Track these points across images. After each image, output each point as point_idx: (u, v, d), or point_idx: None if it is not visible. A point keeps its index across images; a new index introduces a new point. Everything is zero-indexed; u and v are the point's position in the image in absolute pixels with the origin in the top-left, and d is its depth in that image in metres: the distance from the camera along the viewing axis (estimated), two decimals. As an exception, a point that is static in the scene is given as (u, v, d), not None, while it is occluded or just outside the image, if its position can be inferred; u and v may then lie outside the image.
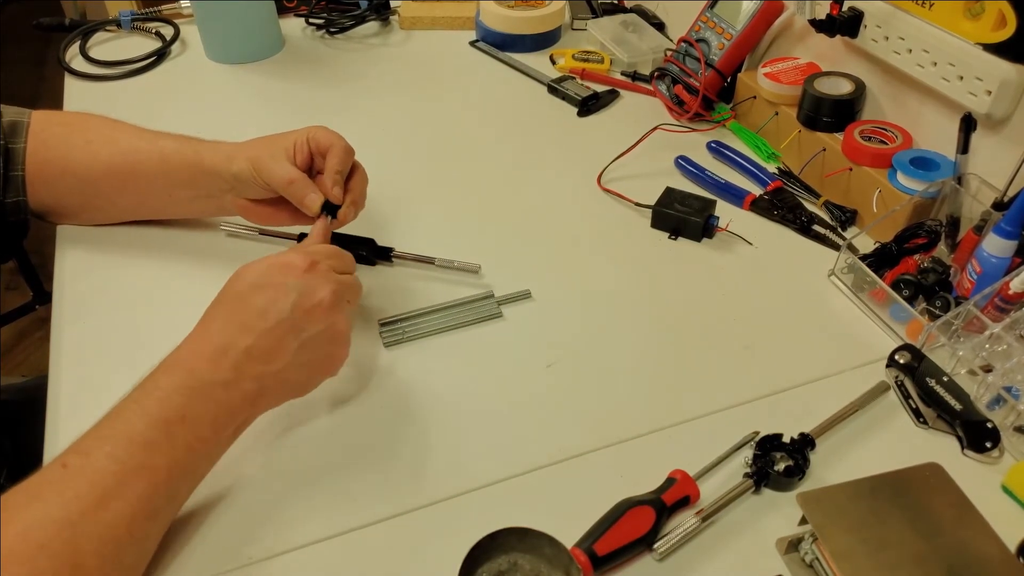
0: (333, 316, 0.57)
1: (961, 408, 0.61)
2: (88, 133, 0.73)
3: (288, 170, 0.66)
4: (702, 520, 0.55)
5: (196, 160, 0.70)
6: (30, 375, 1.71)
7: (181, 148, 0.71)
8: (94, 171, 0.72)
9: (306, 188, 0.66)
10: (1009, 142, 0.71)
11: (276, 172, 0.66)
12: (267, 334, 0.54)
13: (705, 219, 0.79)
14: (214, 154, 0.69)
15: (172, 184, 0.72)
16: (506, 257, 0.77)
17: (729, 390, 0.65)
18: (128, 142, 0.72)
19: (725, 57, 0.94)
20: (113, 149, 0.72)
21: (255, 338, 0.54)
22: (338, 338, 0.58)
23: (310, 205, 0.66)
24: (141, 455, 0.49)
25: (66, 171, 0.72)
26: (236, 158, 0.68)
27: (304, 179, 0.66)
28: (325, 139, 0.68)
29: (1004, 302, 0.64)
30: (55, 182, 0.73)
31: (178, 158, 0.71)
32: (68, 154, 0.72)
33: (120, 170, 0.72)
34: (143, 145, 0.72)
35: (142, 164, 0.71)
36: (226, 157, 0.68)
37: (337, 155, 0.67)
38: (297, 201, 0.67)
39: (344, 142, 0.68)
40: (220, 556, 0.53)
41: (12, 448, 0.81)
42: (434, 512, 0.57)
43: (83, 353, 0.67)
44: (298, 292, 0.55)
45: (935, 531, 0.50)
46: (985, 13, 0.69)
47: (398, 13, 1.19)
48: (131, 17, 1.12)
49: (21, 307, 1.72)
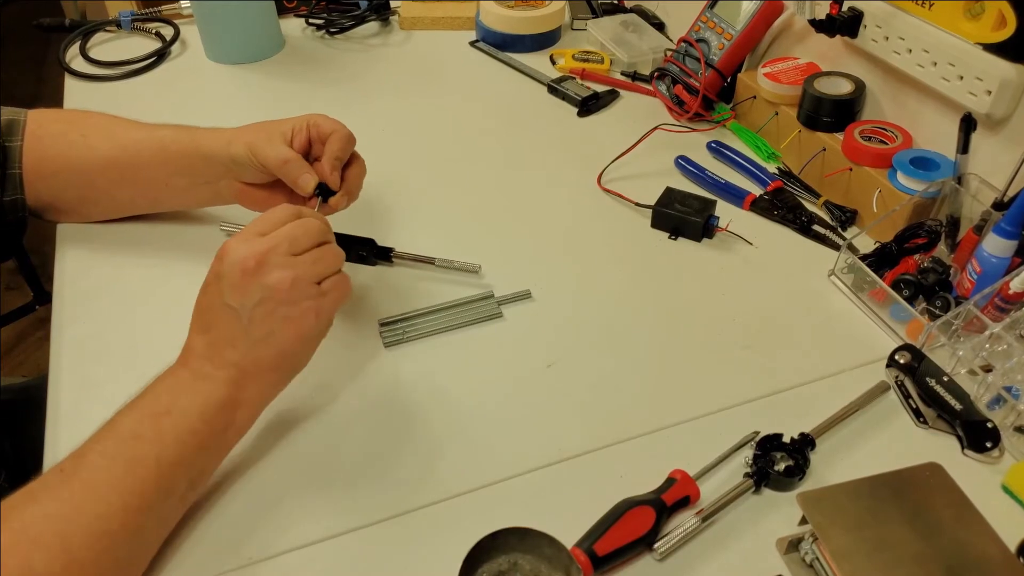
0: (288, 299, 0.54)
1: (961, 408, 0.61)
2: (85, 128, 0.73)
3: (283, 150, 0.66)
4: (702, 520, 0.55)
5: (194, 146, 0.70)
6: (30, 375, 1.72)
7: (178, 136, 0.71)
8: (92, 165, 0.72)
9: (301, 168, 0.66)
10: (1009, 142, 0.71)
11: (271, 152, 0.66)
12: (229, 324, 0.54)
13: (705, 219, 0.79)
14: (212, 140, 0.70)
15: (170, 172, 0.72)
16: (506, 257, 0.77)
17: (729, 390, 0.65)
18: (125, 134, 0.73)
19: (725, 57, 0.94)
20: (110, 143, 0.72)
21: (217, 331, 0.55)
22: (299, 319, 0.55)
23: (304, 185, 0.65)
24: (129, 448, 0.51)
25: (64, 166, 0.73)
26: (234, 142, 0.68)
27: (299, 160, 0.66)
28: (327, 125, 0.67)
29: (1004, 302, 0.64)
30: (52, 177, 0.73)
31: (176, 146, 0.71)
32: (66, 150, 0.72)
33: (118, 162, 0.72)
34: (140, 135, 0.72)
35: (140, 154, 0.72)
36: (224, 141, 0.69)
37: (338, 141, 0.67)
38: (291, 181, 0.66)
39: (346, 130, 0.68)
40: (220, 556, 0.53)
41: (12, 448, 0.81)
42: (434, 512, 0.57)
43: (83, 353, 0.67)
44: (246, 283, 0.54)
45: (935, 531, 0.50)
46: (985, 13, 0.69)
47: (398, 13, 1.19)
48: (131, 17, 1.12)
49: (21, 307, 1.72)
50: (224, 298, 0.54)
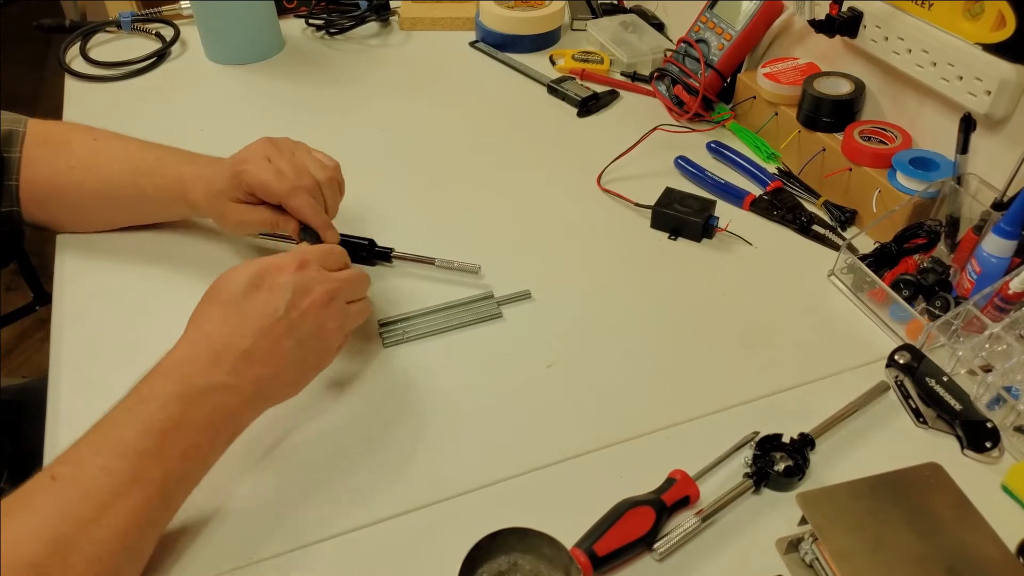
0: (325, 313, 0.57)
1: (961, 408, 0.61)
2: (70, 158, 0.73)
3: (269, 214, 0.67)
4: (702, 520, 0.55)
5: (186, 204, 0.71)
6: (31, 376, 1.71)
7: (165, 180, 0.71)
8: (82, 196, 0.73)
9: (287, 224, 0.68)
10: (1009, 142, 0.71)
11: (252, 217, 0.68)
12: (265, 335, 0.54)
13: (705, 219, 0.79)
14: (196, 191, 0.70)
15: (167, 208, 0.74)
16: (506, 257, 0.77)
17: (729, 390, 0.65)
18: (111, 175, 0.72)
19: (725, 57, 0.94)
20: (95, 176, 0.72)
21: (253, 340, 0.54)
22: (327, 335, 0.58)
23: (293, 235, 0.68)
24: (134, 467, 0.48)
25: (53, 193, 0.73)
26: (210, 199, 0.69)
27: (275, 220, 0.68)
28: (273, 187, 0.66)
29: (1004, 302, 0.64)
30: (46, 202, 0.74)
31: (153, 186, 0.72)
32: (53, 178, 0.73)
33: (107, 199, 0.73)
34: (122, 170, 0.72)
35: (126, 191, 0.72)
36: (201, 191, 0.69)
37: (309, 209, 0.66)
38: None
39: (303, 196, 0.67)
40: (221, 556, 0.53)
41: (12, 449, 0.81)
42: (434, 512, 0.57)
43: (83, 354, 0.67)
44: (292, 291, 0.55)
45: (935, 531, 0.50)
46: (984, 13, 0.69)
47: (398, 14, 1.19)
48: (131, 18, 1.12)
49: (21, 308, 1.72)
50: (286, 314, 0.55)
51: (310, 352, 0.57)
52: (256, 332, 0.54)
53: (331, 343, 0.59)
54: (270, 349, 0.54)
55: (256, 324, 0.54)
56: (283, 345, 0.55)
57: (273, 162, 0.65)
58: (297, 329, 0.55)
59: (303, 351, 0.56)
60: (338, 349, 0.61)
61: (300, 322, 0.55)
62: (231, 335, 0.53)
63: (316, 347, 0.57)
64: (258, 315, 0.54)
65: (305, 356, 0.57)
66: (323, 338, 0.58)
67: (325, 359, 0.60)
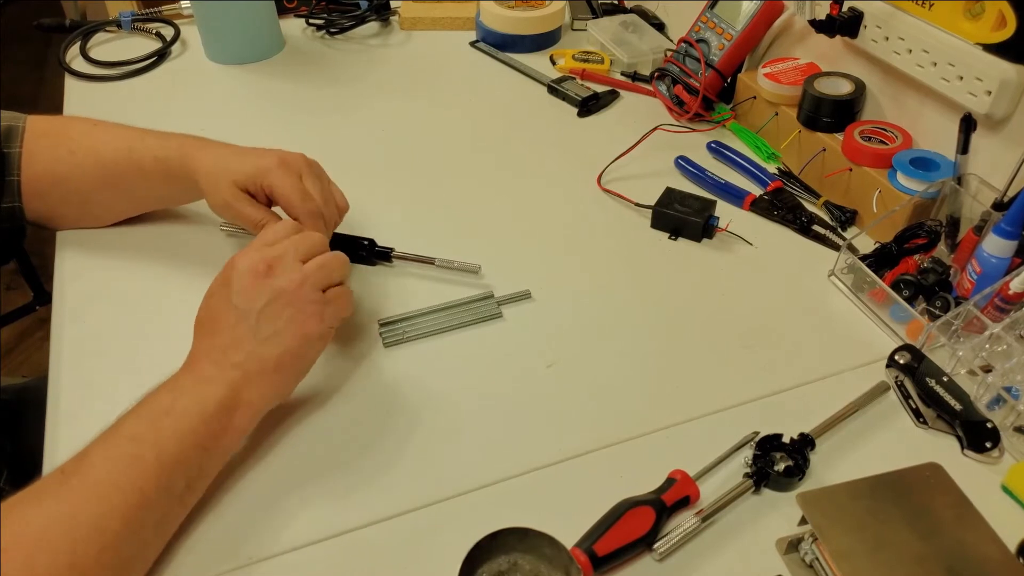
0: (271, 282, 0.57)
1: (961, 408, 0.61)
2: (71, 144, 0.73)
3: (256, 213, 0.68)
4: (702, 520, 0.55)
5: (184, 172, 0.70)
6: (31, 375, 1.72)
7: (167, 155, 0.71)
8: (84, 183, 0.73)
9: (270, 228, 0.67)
10: (1009, 142, 0.71)
11: (247, 212, 0.67)
12: (224, 327, 0.56)
13: (705, 219, 0.79)
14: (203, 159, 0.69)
15: (164, 184, 0.73)
16: (506, 257, 0.77)
17: (729, 390, 0.65)
18: (111, 153, 0.72)
19: (725, 57, 0.94)
20: (97, 159, 0.72)
21: (218, 335, 0.56)
22: (291, 298, 0.57)
23: None
24: (129, 447, 0.51)
25: (56, 183, 0.73)
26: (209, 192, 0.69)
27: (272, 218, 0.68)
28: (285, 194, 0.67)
29: (1004, 302, 0.64)
30: (48, 194, 0.74)
31: (160, 166, 0.71)
32: (55, 167, 0.73)
33: (108, 180, 0.73)
34: (122, 153, 0.72)
35: (126, 175, 0.72)
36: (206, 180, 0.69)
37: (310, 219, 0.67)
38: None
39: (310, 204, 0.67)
40: (220, 556, 0.53)
41: (12, 448, 0.81)
42: (434, 512, 0.57)
43: (83, 353, 0.67)
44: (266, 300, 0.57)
45: (935, 531, 0.50)
46: (985, 13, 0.69)
47: (398, 14, 1.19)
48: (131, 18, 1.12)
49: (22, 307, 1.72)
50: (232, 301, 0.56)
51: (288, 338, 0.57)
52: (225, 324, 0.57)
53: (309, 326, 0.58)
54: (239, 339, 0.56)
55: (224, 317, 0.57)
56: (258, 334, 0.56)
57: (304, 180, 0.67)
58: (268, 320, 0.56)
59: (282, 339, 0.57)
60: (327, 333, 0.60)
61: (267, 312, 0.56)
62: (209, 329, 0.57)
63: (294, 332, 0.57)
64: (226, 309, 0.57)
65: (284, 342, 0.57)
66: (299, 323, 0.57)
67: (309, 343, 0.59)
